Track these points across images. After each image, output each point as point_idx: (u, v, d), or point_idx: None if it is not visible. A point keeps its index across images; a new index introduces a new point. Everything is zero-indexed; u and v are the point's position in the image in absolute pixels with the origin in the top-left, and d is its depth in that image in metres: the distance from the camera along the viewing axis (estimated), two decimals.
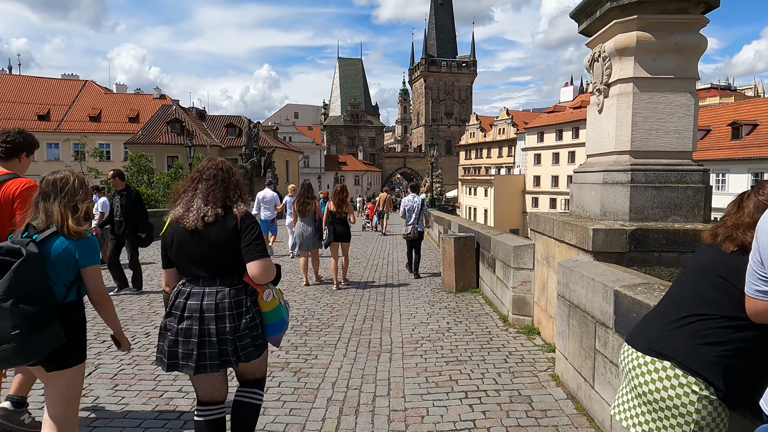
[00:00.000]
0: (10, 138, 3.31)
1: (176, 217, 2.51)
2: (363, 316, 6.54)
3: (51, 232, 2.42)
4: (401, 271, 10.36)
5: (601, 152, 4.74)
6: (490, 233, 7.45)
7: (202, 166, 2.63)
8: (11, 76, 61.63)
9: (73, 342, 2.45)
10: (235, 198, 2.57)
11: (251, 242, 2.46)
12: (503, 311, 6.29)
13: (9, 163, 3.32)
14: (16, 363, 2.35)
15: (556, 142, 53.98)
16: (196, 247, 2.46)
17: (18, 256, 2.26)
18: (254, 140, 38.28)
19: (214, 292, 2.45)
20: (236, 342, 2.44)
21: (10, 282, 2.20)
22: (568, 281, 3.89)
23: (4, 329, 2.18)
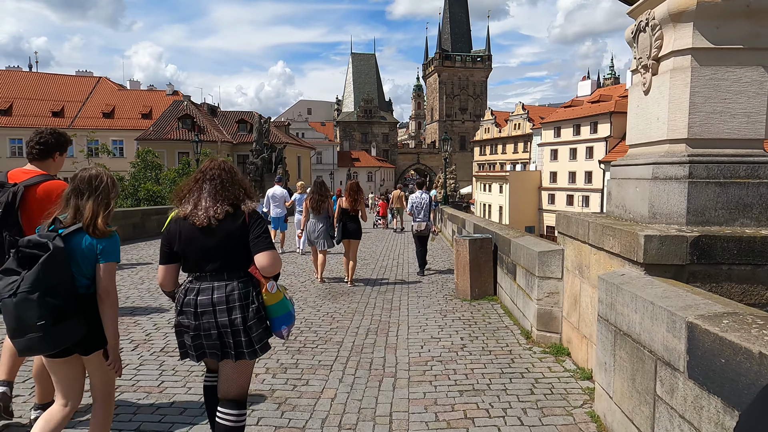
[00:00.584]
0: (43, 139, 3.33)
1: (184, 215, 2.60)
2: (366, 328, 5.80)
3: (77, 228, 2.50)
4: (412, 273, 9.61)
5: (649, 141, 3.94)
6: (510, 235, 6.66)
7: (205, 166, 2.73)
8: (27, 73, 61.98)
9: (101, 328, 2.53)
10: (242, 196, 2.68)
11: (259, 235, 2.59)
12: (525, 325, 5.51)
13: (44, 163, 3.35)
14: (39, 352, 2.47)
15: (573, 137, 52.62)
16: (205, 242, 2.56)
17: (45, 250, 2.34)
18: (265, 136, 37.73)
19: (223, 285, 2.56)
20: (250, 333, 2.54)
21: (37, 275, 2.29)
22: (614, 302, 3.11)
23: (30, 319, 2.29)
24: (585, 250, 4.23)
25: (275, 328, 2.67)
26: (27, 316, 2.29)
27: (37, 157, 3.35)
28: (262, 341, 2.61)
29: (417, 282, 8.67)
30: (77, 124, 55.16)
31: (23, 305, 2.28)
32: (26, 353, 2.50)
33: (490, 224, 8.89)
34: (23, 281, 2.30)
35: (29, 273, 2.30)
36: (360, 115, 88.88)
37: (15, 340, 2.37)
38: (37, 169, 3.34)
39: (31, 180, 3.24)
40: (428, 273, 9.59)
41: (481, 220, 10.27)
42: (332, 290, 7.95)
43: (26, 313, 2.29)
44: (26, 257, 2.36)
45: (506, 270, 6.53)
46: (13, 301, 2.29)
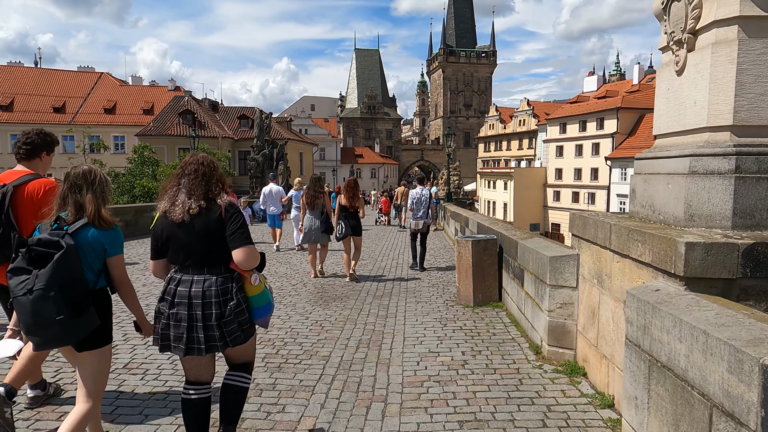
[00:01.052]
0: (29, 139, 3.42)
1: (164, 211, 2.65)
2: (357, 339, 5.24)
3: (82, 224, 2.56)
4: (411, 275, 9.04)
5: (683, 130, 3.35)
6: (517, 236, 6.07)
7: (185, 162, 2.75)
8: (28, 68, 61.61)
9: (102, 325, 2.61)
10: (217, 190, 2.69)
11: (236, 230, 2.60)
12: (535, 338, 4.93)
13: (31, 162, 3.45)
14: (57, 345, 2.58)
15: (579, 133, 51.83)
16: (184, 237, 2.60)
17: (57, 248, 2.41)
18: (266, 132, 37.12)
19: (202, 280, 2.60)
20: (222, 328, 2.58)
21: (52, 272, 2.36)
22: (649, 324, 2.54)
23: (48, 315, 2.36)
24: (605, 257, 3.65)
25: (256, 317, 2.74)
26: (45, 312, 2.37)
27: (25, 157, 3.43)
28: (234, 335, 2.64)
29: (416, 285, 8.09)
30: (78, 119, 54.80)
31: (40, 302, 2.36)
32: (43, 347, 2.59)
33: (495, 223, 8.30)
34: (38, 279, 2.37)
35: (43, 271, 2.38)
36: (363, 111, 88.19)
37: (32, 336, 2.46)
38: (26, 169, 3.43)
39: (20, 180, 3.31)
40: (429, 274, 9.02)
41: (486, 218, 9.68)
42: (324, 293, 7.40)
43: (44, 310, 2.36)
44: (38, 256, 2.43)
45: (513, 275, 5.95)
46: (29, 298, 2.36)
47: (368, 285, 8.13)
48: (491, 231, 7.44)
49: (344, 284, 8.19)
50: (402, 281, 8.47)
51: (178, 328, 2.58)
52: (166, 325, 2.62)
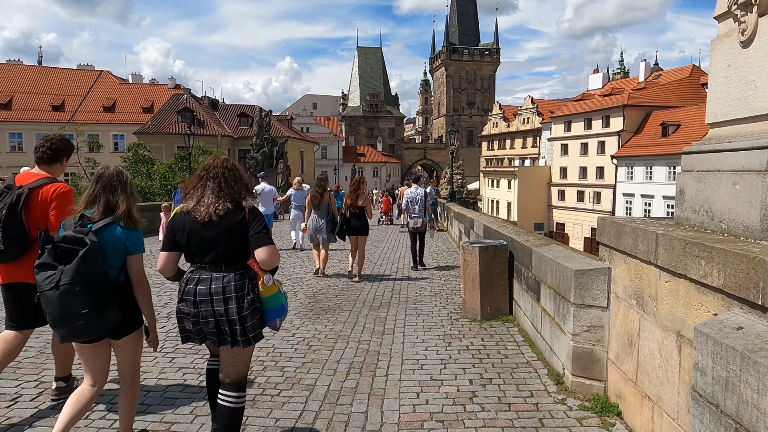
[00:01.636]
0: (54, 144, 3.50)
1: (188, 210, 2.74)
2: (348, 363, 4.56)
3: (106, 222, 2.69)
4: (412, 281, 8.35)
5: (753, 115, 2.64)
6: (530, 242, 5.37)
7: (209, 164, 2.85)
8: (27, 66, 61.06)
9: (129, 315, 2.77)
10: (244, 194, 2.81)
11: (259, 231, 2.73)
12: (555, 364, 4.23)
13: (51, 167, 3.51)
14: (81, 337, 2.65)
15: (584, 131, 51.00)
16: (206, 236, 2.69)
17: (82, 245, 2.54)
18: (266, 130, 36.53)
19: (221, 276, 2.69)
20: (244, 322, 2.68)
21: (78, 267, 2.49)
22: (736, 379, 1.84)
23: (74, 308, 2.49)
24: (649, 274, 2.95)
25: (268, 319, 2.80)
26: (71, 305, 2.47)
27: (46, 160, 3.49)
28: (256, 330, 2.74)
29: (417, 294, 7.41)
30: (77, 118, 54.10)
31: (67, 296, 2.47)
32: (68, 340, 2.67)
33: (504, 226, 7.58)
34: (63, 274, 2.48)
35: (69, 266, 2.49)
36: (366, 110, 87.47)
37: (57, 328, 2.58)
38: (43, 172, 3.49)
39: (36, 183, 3.37)
40: (431, 282, 8.33)
41: (493, 220, 8.96)
42: (316, 304, 6.71)
43: (70, 303, 2.47)
44: (64, 252, 2.53)
45: (526, 286, 5.25)
46: (56, 293, 2.47)
47: (365, 293, 7.45)
48: (500, 235, 6.74)
49: (339, 291, 7.53)
50: (402, 288, 7.78)
51: (208, 325, 2.69)
52: (195, 323, 2.72)
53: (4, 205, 3.27)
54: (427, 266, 9.74)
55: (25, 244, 3.29)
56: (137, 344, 2.90)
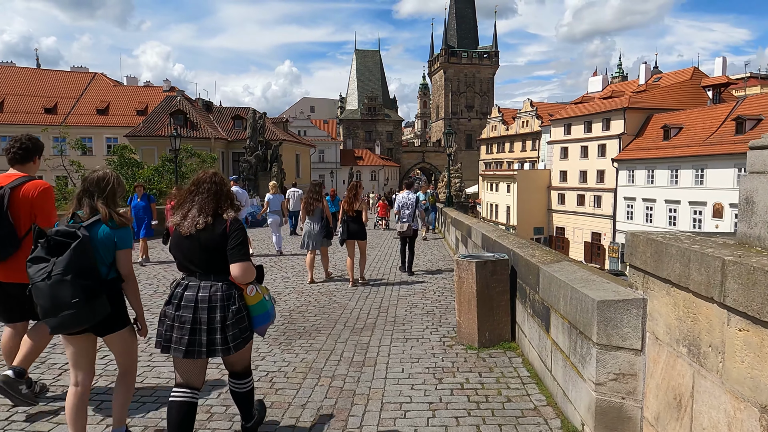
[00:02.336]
0: (23, 144, 3.60)
1: (174, 224, 2.86)
2: (316, 407, 3.71)
3: (95, 220, 2.84)
4: (403, 297, 7.52)
5: None
6: (537, 258, 4.53)
7: (199, 179, 2.95)
8: (19, 68, 60.26)
9: (117, 311, 2.88)
10: (226, 206, 2.91)
11: (235, 246, 2.79)
12: (570, 415, 3.38)
13: (25, 166, 3.62)
14: (71, 327, 2.69)
15: (584, 134, 50.25)
16: (190, 249, 2.81)
17: (74, 238, 2.67)
18: (260, 133, 35.71)
19: (208, 285, 2.78)
20: (225, 332, 2.73)
21: (69, 259, 2.61)
22: None
23: (64, 298, 2.57)
24: (709, 316, 2.12)
25: (254, 326, 2.92)
26: (62, 295, 2.58)
27: (20, 160, 3.58)
28: (237, 340, 2.78)
29: (407, 311, 6.58)
30: (70, 120, 53.41)
31: (58, 286, 2.58)
32: (59, 330, 2.71)
33: (504, 236, 6.74)
34: (56, 265, 2.60)
35: (61, 258, 2.61)
36: (364, 113, 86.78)
37: (48, 318, 2.65)
38: (19, 172, 3.56)
39: (16, 182, 3.46)
40: (423, 297, 7.51)
41: (492, 228, 8.11)
42: (290, 325, 5.88)
43: (61, 293, 2.58)
44: (57, 245, 2.67)
45: (532, 310, 4.41)
46: (47, 283, 2.58)
47: (348, 310, 6.62)
48: (500, 247, 5.91)
49: (320, 309, 6.70)
50: (391, 305, 6.95)
51: (181, 330, 2.71)
52: (170, 327, 2.75)
53: None
54: (415, 272, 9.61)
55: (16, 243, 3.37)
56: (129, 340, 3.00)
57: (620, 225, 45.20)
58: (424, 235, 15.37)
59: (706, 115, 39.73)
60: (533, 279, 4.32)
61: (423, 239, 15.05)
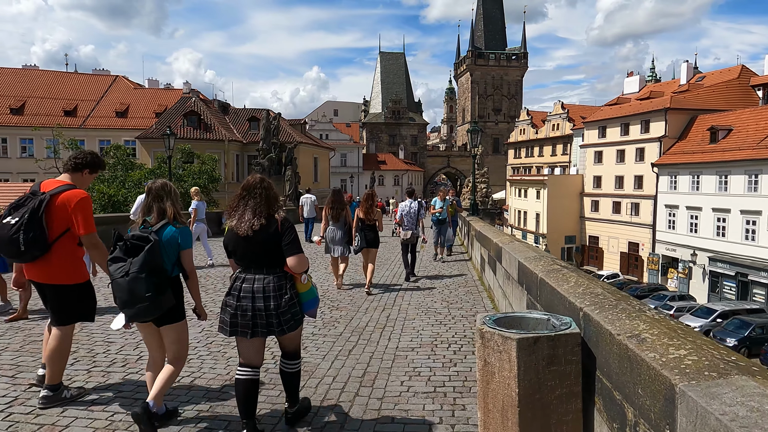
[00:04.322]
0: (78, 159, 3.95)
1: (231, 227, 3.26)
2: None
3: (162, 224, 3.34)
4: (401, 361, 5.20)
5: None
6: (647, 342, 2.15)
7: (249, 184, 3.35)
8: (42, 71, 60.25)
9: (177, 305, 3.38)
10: (276, 208, 3.32)
11: (290, 242, 3.23)
12: None
13: (74, 175, 3.93)
14: (144, 317, 3.22)
15: (621, 137, 46.96)
16: (247, 248, 3.22)
17: (146, 242, 3.16)
18: (274, 134, 33.86)
19: (262, 278, 3.21)
20: (280, 317, 3.18)
21: (144, 259, 3.09)
22: None
23: (140, 293, 3.07)
24: None
25: (305, 309, 3.36)
26: (138, 290, 3.06)
27: (70, 170, 3.92)
28: (289, 323, 3.23)
29: (401, 390, 4.25)
30: (89, 123, 52.88)
31: (135, 282, 3.06)
32: (135, 319, 3.23)
33: (558, 271, 4.24)
34: (132, 265, 3.08)
35: (137, 258, 3.09)
36: (387, 116, 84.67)
37: (126, 309, 3.16)
38: (66, 180, 3.87)
39: (56, 189, 3.74)
40: (433, 351, 5.17)
41: (533, 253, 5.51)
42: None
43: (137, 288, 3.06)
44: (133, 247, 3.15)
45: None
46: (126, 280, 3.07)
47: (315, 381, 4.33)
48: (553, 296, 3.52)
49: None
50: (381, 374, 4.63)
51: (245, 318, 3.15)
52: (233, 315, 3.18)
53: (27, 209, 3.60)
54: (417, 275, 9.97)
55: (44, 246, 3.59)
56: (182, 331, 3.45)
57: (661, 235, 41.81)
58: (440, 256, 12.79)
59: (759, 115, 36.18)
60: (653, 404, 1.94)
61: (436, 259, 12.59)
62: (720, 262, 35.43)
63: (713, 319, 27.07)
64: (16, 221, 3.54)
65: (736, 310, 27.98)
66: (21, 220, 3.53)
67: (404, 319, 6.55)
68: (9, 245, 3.54)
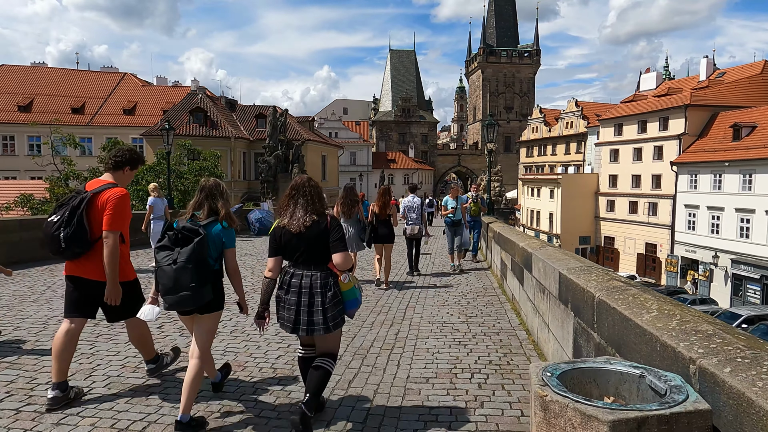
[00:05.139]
0: (119, 154, 4.01)
1: (283, 224, 3.37)
2: None
3: (211, 221, 3.47)
4: (406, 351, 4.21)
5: None
6: None
7: (297, 184, 3.49)
8: (50, 69, 59.94)
9: (217, 296, 3.48)
10: (324, 207, 3.46)
11: (336, 239, 3.34)
12: None
13: (115, 174, 3.97)
14: (184, 306, 3.34)
15: (638, 135, 45.48)
16: (298, 244, 3.32)
17: (197, 234, 3.31)
18: (281, 131, 32.93)
19: (309, 274, 3.30)
20: (325, 313, 3.25)
21: (192, 251, 3.24)
22: None
23: (185, 282, 3.20)
24: None
25: (346, 308, 3.41)
26: (183, 279, 3.20)
27: (111, 168, 3.96)
28: (335, 320, 3.31)
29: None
30: (96, 120, 52.43)
31: (181, 271, 3.19)
32: (174, 307, 3.37)
33: (615, 289, 3.21)
34: (180, 255, 3.23)
35: (185, 249, 3.23)
36: (397, 114, 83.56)
37: (168, 296, 3.27)
38: (109, 179, 3.92)
39: (99, 188, 3.80)
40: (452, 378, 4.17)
41: (577, 263, 4.47)
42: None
43: (182, 277, 3.20)
44: (182, 238, 3.31)
45: None
46: (173, 268, 3.21)
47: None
48: (619, 322, 2.52)
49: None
50: (394, 413, 3.64)
51: (289, 311, 3.28)
52: (282, 308, 3.33)
53: (68, 207, 3.67)
54: (421, 271, 10.18)
55: (84, 243, 3.63)
56: (213, 325, 3.55)
57: (680, 236, 40.38)
58: (457, 264, 10.72)
59: None
60: None
61: (455, 269, 10.61)
62: (744, 265, 33.99)
63: (738, 324, 25.72)
64: (58, 219, 3.63)
65: (762, 315, 26.62)
66: (61, 218, 3.62)
67: (416, 337, 5.56)
68: (51, 242, 3.64)
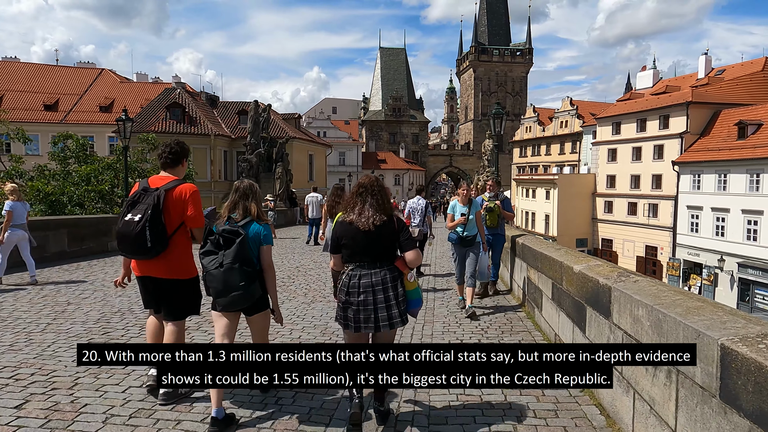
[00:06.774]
0: (173, 149, 3.91)
1: (350, 220, 3.45)
2: None
3: (247, 221, 3.55)
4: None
5: None
6: None
7: (364, 183, 3.58)
8: (22, 64, 57.10)
9: (263, 295, 3.59)
10: (391, 207, 3.55)
11: (407, 238, 3.45)
12: None
13: (175, 169, 3.93)
14: (236, 306, 3.44)
15: (637, 133, 43.82)
16: (366, 241, 3.38)
17: (238, 236, 3.40)
18: (263, 128, 30.74)
19: (378, 272, 3.38)
20: (399, 307, 3.38)
21: (237, 251, 3.34)
22: None
23: (234, 282, 3.30)
24: None
25: (409, 308, 3.50)
26: (232, 280, 3.29)
27: (170, 164, 3.90)
28: (402, 316, 3.43)
29: None
30: (71, 118, 49.78)
31: (229, 273, 3.29)
32: (228, 308, 3.43)
33: None
34: (225, 257, 3.32)
35: (229, 251, 3.33)
36: (388, 114, 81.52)
37: (220, 298, 3.36)
38: (171, 175, 3.90)
39: (169, 184, 3.76)
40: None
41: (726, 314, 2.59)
42: None
43: (231, 279, 3.29)
44: (224, 240, 3.38)
45: None
46: (220, 271, 3.30)
47: None
48: None
49: None
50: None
51: (367, 312, 3.32)
52: (356, 311, 3.35)
53: (147, 206, 3.60)
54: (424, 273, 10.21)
55: (166, 241, 3.62)
56: (265, 322, 3.73)
57: (682, 238, 38.72)
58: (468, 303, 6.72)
59: None
60: None
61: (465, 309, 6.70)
62: (751, 269, 32.35)
63: None
64: (140, 218, 3.56)
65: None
66: (145, 216, 3.56)
67: None
68: (135, 241, 3.55)
